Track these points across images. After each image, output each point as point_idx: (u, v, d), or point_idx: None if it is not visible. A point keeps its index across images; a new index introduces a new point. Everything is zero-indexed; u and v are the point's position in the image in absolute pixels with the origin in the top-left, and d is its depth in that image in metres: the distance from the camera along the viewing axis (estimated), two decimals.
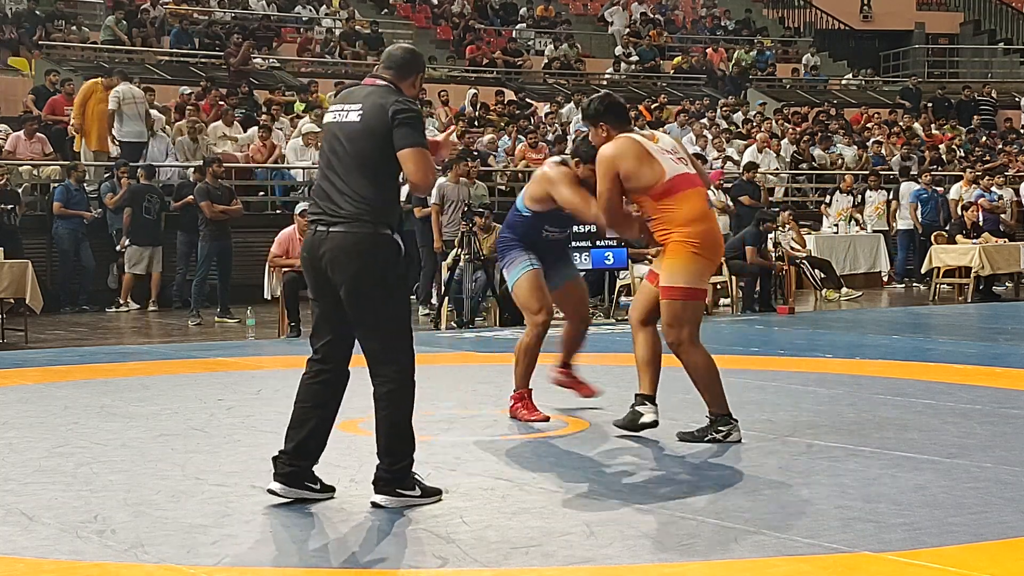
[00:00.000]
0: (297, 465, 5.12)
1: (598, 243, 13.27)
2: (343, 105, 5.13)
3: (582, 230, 13.33)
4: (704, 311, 6.15)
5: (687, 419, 7.04)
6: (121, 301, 15.42)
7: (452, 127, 6.73)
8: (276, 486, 5.08)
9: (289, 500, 5.05)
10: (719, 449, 6.20)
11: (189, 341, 12.46)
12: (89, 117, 16.66)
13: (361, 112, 5.04)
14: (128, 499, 5.18)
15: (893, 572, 4.08)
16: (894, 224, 19.94)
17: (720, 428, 6.32)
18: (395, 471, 5.05)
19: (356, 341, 5.21)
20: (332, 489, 5.21)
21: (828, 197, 20.04)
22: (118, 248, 15.60)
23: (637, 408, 6.45)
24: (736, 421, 6.34)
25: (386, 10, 27.96)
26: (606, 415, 7.15)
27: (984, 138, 26.04)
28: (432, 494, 5.11)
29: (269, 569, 4.20)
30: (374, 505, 5.00)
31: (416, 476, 5.12)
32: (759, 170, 19.32)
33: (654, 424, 6.37)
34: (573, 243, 13.35)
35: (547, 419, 6.95)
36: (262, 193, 18.21)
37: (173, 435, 6.67)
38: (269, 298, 13.29)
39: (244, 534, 4.61)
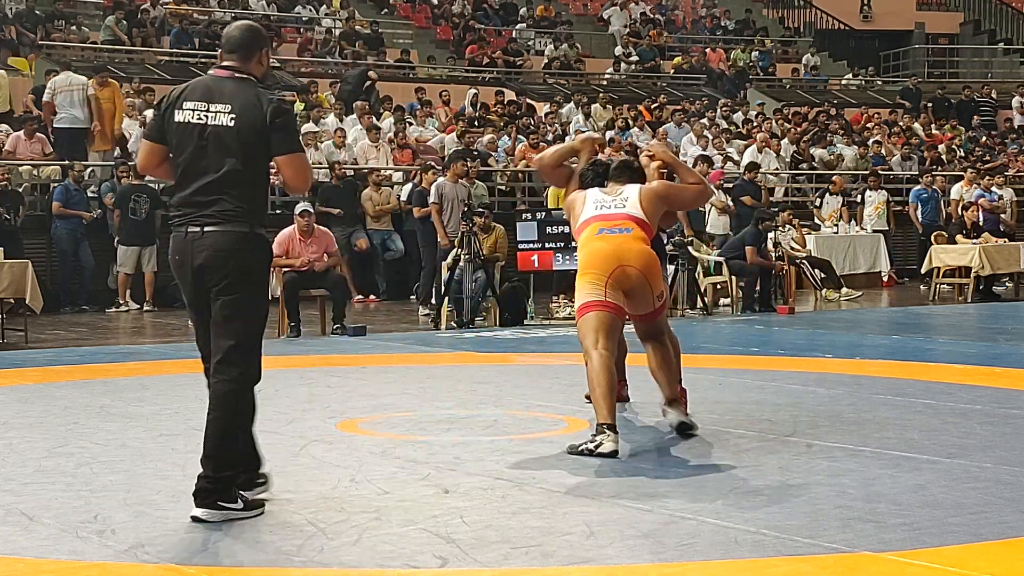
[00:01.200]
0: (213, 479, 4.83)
1: None
2: (204, 104, 4.97)
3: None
4: (612, 319, 6.40)
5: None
6: (120, 301, 15.42)
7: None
8: (199, 512, 4.79)
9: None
10: (719, 449, 6.19)
11: (189, 341, 12.42)
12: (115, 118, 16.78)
13: (232, 114, 4.94)
14: (128, 499, 5.18)
15: (893, 572, 4.08)
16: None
17: (594, 437, 6.10)
18: (217, 480, 4.78)
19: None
20: (261, 505, 4.97)
21: (819, 200, 20.05)
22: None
23: (597, 436, 6.19)
24: (612, 433, 6.05)
25: (386, 10, 27.96)
26: None
27: (984, 138, 26.05)
28: (255, 507, 4.87)
29: (269, 569, 4.20)
30: (194, 519, 4.73)
31: (242, 494, 4.86)
32: (759, 170, 19.32)
33: (612, 454, 6.06)
34: (573, 243, 13.38)
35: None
36: None
37: (173, 435, 6.67)
38: (269, 298, 13.28)
39: (244, 534, 4.61)
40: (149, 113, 17.56)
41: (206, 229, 4.99)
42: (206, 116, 4.95)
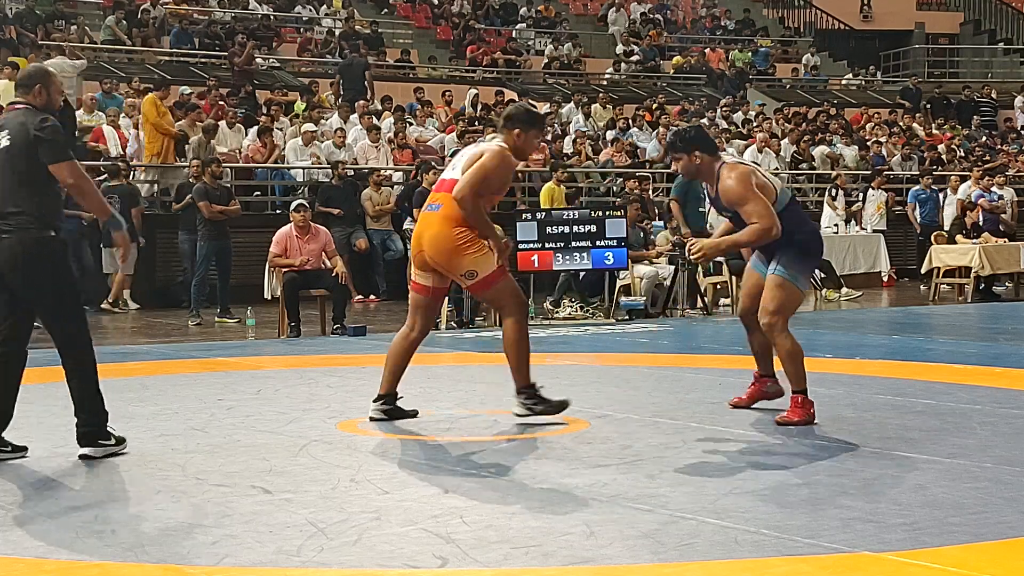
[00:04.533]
0: None
1: (598, 243, 13.27)
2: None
3: (582, 230, 13.35)
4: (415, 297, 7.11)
5: (686, 418, 7.05)
6: (109, 301, 15.36)
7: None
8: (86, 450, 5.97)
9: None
10: (719, 449, 6.20)
11: (189, 341, 12.46)
12: (157, 131, 16.78)
13: (10, 136, 5.89)
14: (128, 499, 5.18)
15: (893, 572, 4.08)
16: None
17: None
18: (93, 425, 5.99)
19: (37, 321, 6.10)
20: (24, 449, 6.08)
21: (833, 190, 19.96)
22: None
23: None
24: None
25: (386, 10, 27.97)
26: (606, 415, 7.16)
27: (984, 138, 26.06)
28: (121, 441, 6.09)
29: (269, 569, 4.20)
30: (82, 457, 5.91)
31: (111, 429, 6.05)
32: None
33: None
34: (573, 243, 13.39)
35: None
36: (258, 193, 18.20)
37: (173, 435, 6.67)
38: (269, 298, 13.29)
39: (244, 534, 4.61)
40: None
41: (2, 237, 5.93)
42: None
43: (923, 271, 17.96)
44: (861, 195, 20.49)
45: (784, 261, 6.84)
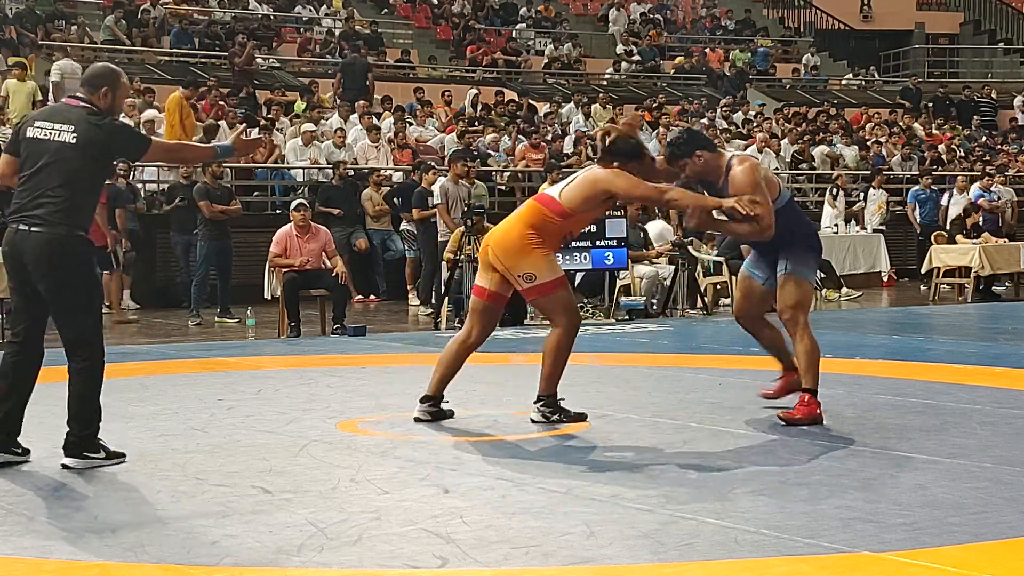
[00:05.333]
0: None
1: (598, 243, 13.27)
2: (51, 123, 5.80)
3: (582, 230, 13.34)
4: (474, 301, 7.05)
5: (686, 418, 7.05)
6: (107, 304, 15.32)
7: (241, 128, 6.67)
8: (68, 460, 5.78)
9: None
10: (719, 449, 6.20)
11: (189, 341, 12.46)
12: (179, 131, 16.73)
13: (75, 133, 5.73)
14: (128, 499, 5.18)
15: (893, 572, 4.08)
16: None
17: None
18: (83, 436, 5.78)
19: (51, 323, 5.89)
20: (27, 452, 5.95)
21: (834, 189, 19.97)
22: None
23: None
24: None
25: (386, 10, 27.98)
26: (606, 415, 7.16)
27: (984, 138, 26.06)
28: (115, 456, 5.85)
29: (269, 569, 4.20)
30: (64, 467, 5.73)
31: (101, 441, 5.85)
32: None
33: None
34: (573, 243, 13.38)
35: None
36: (258, 193, 18.20)
37: (173, 435, 6.67)
38: (269, 298, 13.29)
39: (244, 534, 4.61)
40: (148, 113, 17.62)
41: (32, 230, 5.75)
42: (51, 134, 5.79)
43: (923, 271, 17.96)
44: (862, 195, 20.48)
45: (792, 259, 6.86)
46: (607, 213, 13.43)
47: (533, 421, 6.85)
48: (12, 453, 5.86)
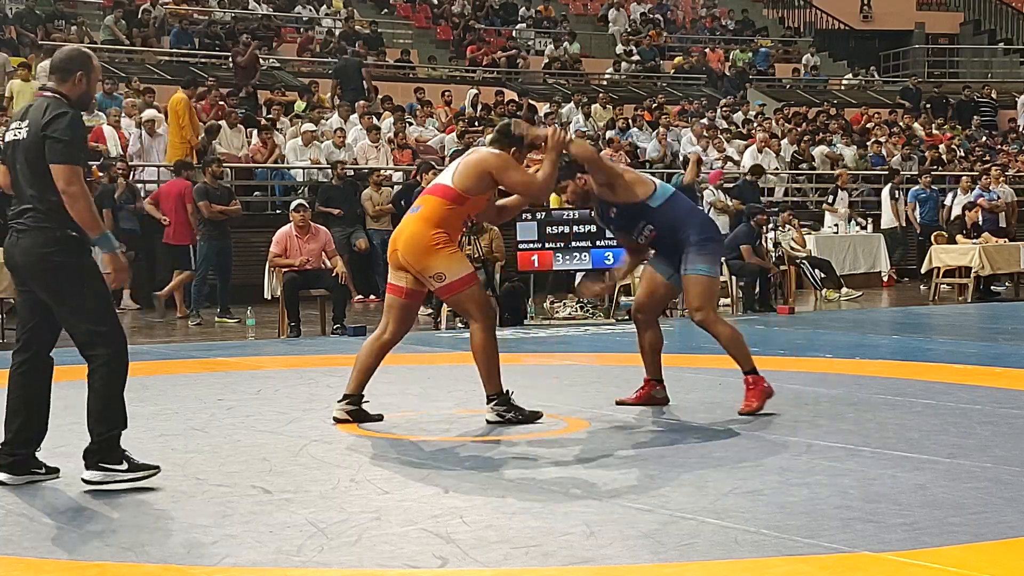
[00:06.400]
0: (18, 454, 5.46)
1: (598, 243, 13.28)
2: (18, 123, 5.48)
3: (582, 230, 13.35)
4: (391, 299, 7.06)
5: (686, 418, 7.05)
6: None
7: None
8: (3, 476, 5.42)
9: (20, 484, 5.37)
10: (719, 449, 6.20)
11: (189, 341, 12.46)
12: (188, 131, 16.69)
13: (28, 128, 5.39)
14: (128, 499, 5.18)
15: (893, 572, 4.08)
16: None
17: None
18: (103, 442, 5.35)
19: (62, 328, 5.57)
20: (56, 471, 5.55)
21: (831, 196, 20.03)
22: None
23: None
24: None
25: (386, 10, 27.99)
26: (607, 415, 7.16)
27: (984, 138, 26.06)
28: (141, 469, 5.37)
29: (269, 569, 4.19)
30: (84, 481, 5.32)
31: (126, 452, 5.42)
32: (763, 174, 19.34)
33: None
34: (573, 243, 13.39)
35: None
36: (258, 193, 18.20)
37: (173, 435, 6.67)
38: (269, 298, 13.29)
39: (244, 534, 4.61)
40: (148, 113, 17.60)
41: (20, 236, 5.46)
42: (16, 134, 5.46)
43: (923, 271, 17.96)
44: (882, 193, 20.39)
45: (689, 258, 7.07)
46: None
47: (488, 422, 6.86)
48: (31, 473, 5.48)
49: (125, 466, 5.34)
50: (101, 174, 15.55)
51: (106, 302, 5.50)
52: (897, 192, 20.01)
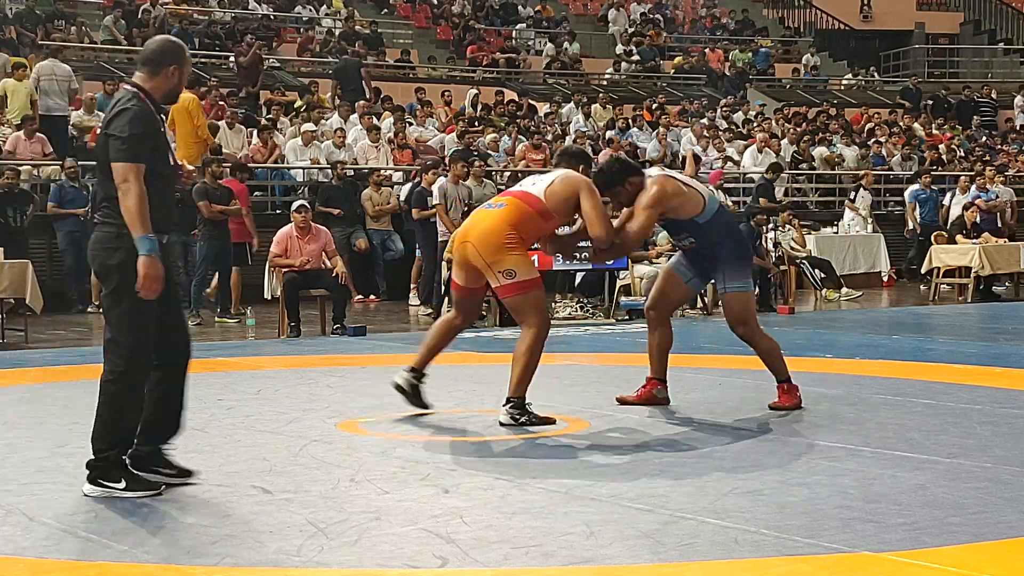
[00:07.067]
0: (142, 448, 5.36)
1: None
2: (100, 117, 5.42)
3: None
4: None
5: (686, 418, 7.05)
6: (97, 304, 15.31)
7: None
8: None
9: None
10: (719, 450, 6.20)
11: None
12: (204, 132, 16.65)
13: (101, 124, 5.30)
14: (128, 499, 5.17)
15: (893, 572, 4.08)
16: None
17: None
18: (101, 459, 5.20)
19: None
20: (190, 473, 5.44)
21: (852, 194, 20.09)
22: None
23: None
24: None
25: (386, 10, 27.98)
26: (607, 415, 7.16)
27: (984, 138, 26.06)
28: (141, 488, 5.19)
29: (269, 569, 4.19)
30: (84, 494, 5.21)
31: (139, 473, 5.27)
32: (782, 172, 19.42)
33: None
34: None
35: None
36: (258, 193, 18.19)
37: None
38: (269, 298, 13.29)
39: (244, 534, 4.61)
40: None
41: (93, 231, 5.40)
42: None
43: (923, 271, 17.96)
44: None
45: (726, 275, 7.19)
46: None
47: (501, 424, 6.82)
48: (154, 471, 5.34)
49: (123, 484, 5.19)
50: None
51: (145, 316, 5.21)
52: (857, 190, 20.12)
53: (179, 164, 5.70)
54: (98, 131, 5.25)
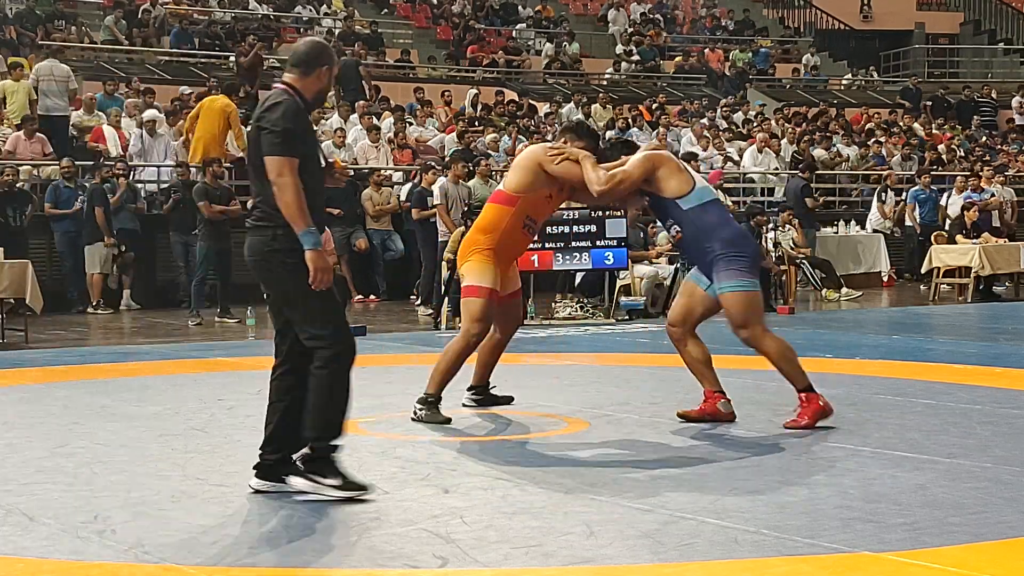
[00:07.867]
0: (267, 459, 5.27)
1: (598, 243, 13.27)
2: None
3: (582, 230, 13.35)
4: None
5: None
6: (95, 303, 15.27)
7: None
8: (254, 481, 5.25)
9: (270, 491, 5.20)
10: (719, 449, 6.20)
11: (189, 341, 12.45)
12: (242, 140, 16.63)
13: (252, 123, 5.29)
14: (128, 499, 5.18)
15: (893, 572, 4.08)
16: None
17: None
18: (317, 449, 5.17)
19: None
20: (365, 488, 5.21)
21: (882, 194, 20.16)
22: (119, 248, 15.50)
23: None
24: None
25: (386, 10, 27.98)
26: (606, 415, 7.16)
27: (984, 138, 26.05)
28: (352, 489, 5.09)
29: (269, 569, 4.20)
30: (285, 485, 5.19)
31: (341, 469, 5.18)
32: (816, 170, 19.47)
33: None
34: (573, 243, 13.38)
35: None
36: None
37: (173, 435, 6.67)
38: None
39: (244, 534, 4.62)
40: (148, 113, 17.59)
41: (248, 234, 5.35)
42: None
43: (923, 271, 17.96)
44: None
45: (723, 274, 6.72)
46: (606, 212, 13.45)
47: (412, 419, 7.06)
48: (281, 480, 5.21)
49: (339, 482, 5.08)
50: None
51: (329, 302, 5.19)
52: (883, 194, 20.17)
53: (331, 161, 5.63)
54: (249, 127, 5.21)
